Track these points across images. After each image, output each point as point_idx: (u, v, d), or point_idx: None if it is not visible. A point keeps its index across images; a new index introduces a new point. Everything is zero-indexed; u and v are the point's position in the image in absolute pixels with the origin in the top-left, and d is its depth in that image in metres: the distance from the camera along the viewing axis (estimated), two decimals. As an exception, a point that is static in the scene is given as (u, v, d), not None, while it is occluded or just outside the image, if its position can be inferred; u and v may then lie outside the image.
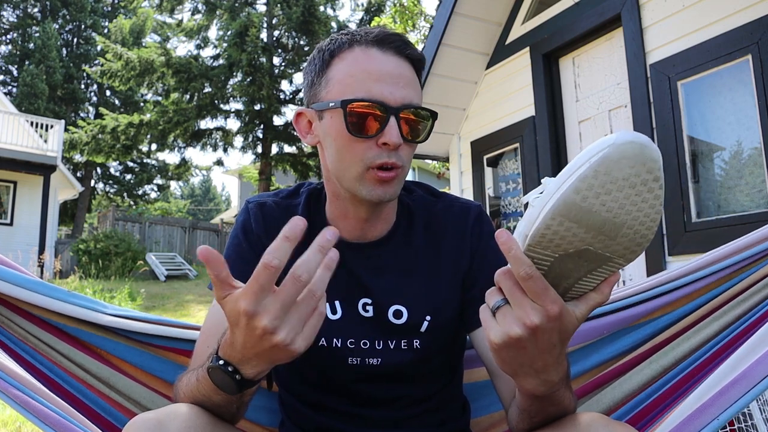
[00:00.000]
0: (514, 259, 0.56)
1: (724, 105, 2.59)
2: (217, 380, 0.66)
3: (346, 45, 0.83)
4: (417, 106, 0.82)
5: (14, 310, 1.01)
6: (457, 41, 3.81)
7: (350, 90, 0.80)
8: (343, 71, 0.81)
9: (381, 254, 0.91)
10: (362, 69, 0.80)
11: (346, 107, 0.78)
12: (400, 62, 0.82)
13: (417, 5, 6.69)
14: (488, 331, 0.60)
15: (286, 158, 15.31)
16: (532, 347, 0.58)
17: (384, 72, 0.80)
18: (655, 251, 2.75)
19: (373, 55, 0.81)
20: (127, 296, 8.27)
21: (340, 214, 0.90)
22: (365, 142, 0.80)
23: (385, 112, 0.78)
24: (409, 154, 0.84)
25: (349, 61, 0.82)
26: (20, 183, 13.37)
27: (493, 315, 0.60)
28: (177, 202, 35.24)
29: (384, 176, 0.80)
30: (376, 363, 0.88)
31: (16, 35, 23.52)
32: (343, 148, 0.81)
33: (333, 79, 0.82)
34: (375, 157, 0.80)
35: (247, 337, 0.59)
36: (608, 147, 0.53)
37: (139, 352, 1.08)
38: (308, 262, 0.58)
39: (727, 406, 0.69)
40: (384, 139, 0.78)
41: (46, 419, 0.78)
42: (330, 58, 0.84)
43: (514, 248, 0.56)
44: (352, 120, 0.79)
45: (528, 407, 0.70)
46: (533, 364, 0.60)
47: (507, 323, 0.58)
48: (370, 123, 0.79)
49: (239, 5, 15.34)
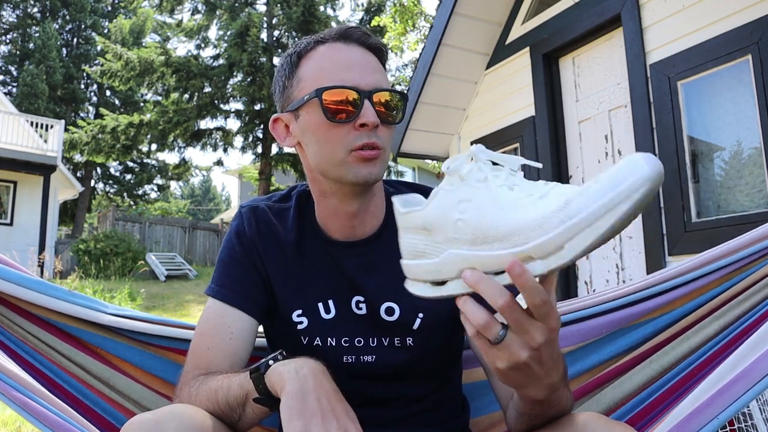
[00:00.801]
0: (531, 290, 0.54)
1: (724, 105, 2.59)
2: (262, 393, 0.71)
3: (312, 44, 0.87)
4: (388, 88, 0.84)
5: (14, 309, 1.01)
6: (457, 41, 3.81)
7: (323, 81, 0.83)
8: (313, 67, 0.85)
9: (371, 251, 0.91)
10: (330, 61, 0.84)
11: (321, 95, 0.81)
12: (364, 52, 0.86)
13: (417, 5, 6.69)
14: (491, 360, 0.59)
15: (286, 158, 15.32)
16: (536, 364, 0.58)
17: (351, 61, 0.84)
18: (655, 251, 2.75)
19: (339, 48, 0.85)
20: (127, 296, 8.27)
21: (329, 213, 0.91)
22: (344, 126, 0.82)
23: (358, 95, 0.81)
24: (387, 136, 0.85)
25: (317, 58, 0.85)
26: (20, 183, 13.37)
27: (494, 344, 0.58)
28: (177, 202, 35.24)
29: (366, 154, 0.82)
30: (370, 360, 0.88)
31: (16, 35, 23.52)
32: (324, 137, 0.83)
33: (304, 76, 0.86)
34: (355, 139, 0.81)
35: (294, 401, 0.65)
36: (648, 182, 0.50)
37: (140, 351, 1.08)
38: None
39: (727, 405, 0.69)
40: (362, 120, 0.80)
41: (45, 420, 0.78)
42: (298, 60, 0.87)
43: (530, 281, 0.54)
44: (329, 107, 0.81)
45: (529, 411, 0.70)
46: (536, 375, 0.60)
47: (513, 350, 0.57)
48: (346, 108, 0.81)
49: (239, 5, 15.34)
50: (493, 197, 0.57)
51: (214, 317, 0.87)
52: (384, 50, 0.89)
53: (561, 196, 0.54)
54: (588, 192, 0.52)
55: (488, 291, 0.55)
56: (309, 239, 0.92)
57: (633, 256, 2.98)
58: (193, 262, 15.20)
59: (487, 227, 0.56)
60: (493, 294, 0.55)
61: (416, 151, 4.33)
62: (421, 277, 0.62)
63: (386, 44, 0.90)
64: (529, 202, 0.55)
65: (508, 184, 0.58)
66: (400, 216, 0.63)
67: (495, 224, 0.56)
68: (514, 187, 0.57)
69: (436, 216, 0.60)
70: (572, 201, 0.52)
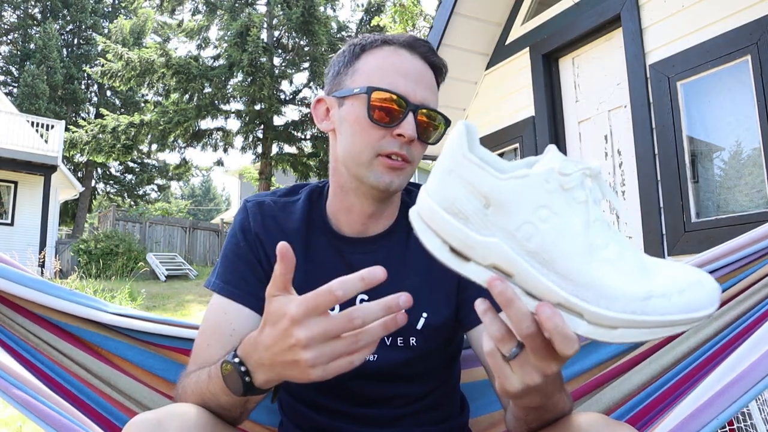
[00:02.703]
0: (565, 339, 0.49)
1: (724, 105, 2.59)
2: (228, 377, 0.67)
3: (379, 42, 0.87)
4: (435, 109, 0.85)
5: (15, 309, 1.02)
6: (457, 41, 3.82)
7: (377, 80, 0.83)
8: (372, 64, 0.86)
9: (379, 249, 0.91)
10: (391, 64, 0.84)
11: (371, 93, 0.82)
12: (425, 67, 0.87)
13: (417, 5, 6.69)
14: (503, 380, 0.56)
15: (286, 158, 15.32)
16: (544, 385, 0.57)
17: (410, 71, 0.84)
18: (654, 251, 2.75)
19: (403, 55, 0.86)
20: (128, 296, 8.27)
21: (344, 207, 0.91)
22: (381, 130, 0.82)
23: (405, 105, 0.82)
24: (419, 152, 0.86)
25: (379, 57, 0.86)
26: (21, 183, 13.37)
27: (507, 361, 0.55)
28: (177, 202, 35.24)
29: (393, 164, 0.83)
30: (372, 359, 0.88)
31: (17, 36, 23.54)
32: (359, 133, 0.84)
33: (360, 69, 0.86)
34: (387, 145, 0.82)
35: (277, 340, 0.59)
36: (705, 318, 0.49)
37: (141, 351, 1.08)
38: (369, 312, 0.58)
39: (727, 405, 0.69)
40: (400, 131, 0.81)
41: (47, 419, 0.78)
42: (361, 52, 0.88)
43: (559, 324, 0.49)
44: (375, 106, 0.82)
45: (524, 416, 0.71)
46: (540, 392, 0.60)
47: (525, 372, 0.54)
48: (389, 113, 0.82)
49: (239, 6, 15.35)
50: (583, 229, 0.50)
51: (216, 314, 0.86)
52: (444, 71, 0.91)
53: (645, 282, 0.50)
54: (670, 300, 0.49)
55: (515, 317, 0.50)
56: (317, 234, 0.92)
57: (633, 257, 2.98)
58: (193, 262, 15.20)
59: (558, 257, 0.50)
60: (520, 321, 0.50)
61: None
62: (443, 235, 0.54)
63: (446, 65, 0.91)
64: (615, 260, 0.51)
65: (600, 221, 0.52)
66: (465, 155, 0.52)
67: (569, 260, 0.50)
68: (603, 229, 0.52)
69: (508, 198, 0.51)
70: (653, 298, 0.49)
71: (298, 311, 0.57)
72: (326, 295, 0.57)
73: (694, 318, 0.49)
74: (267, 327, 0.61)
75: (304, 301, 0.57)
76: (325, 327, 0.57)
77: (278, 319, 0.59)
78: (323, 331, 0.57)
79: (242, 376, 0.65)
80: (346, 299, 0.57)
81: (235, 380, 0.66)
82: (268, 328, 0.61)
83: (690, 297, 0.49)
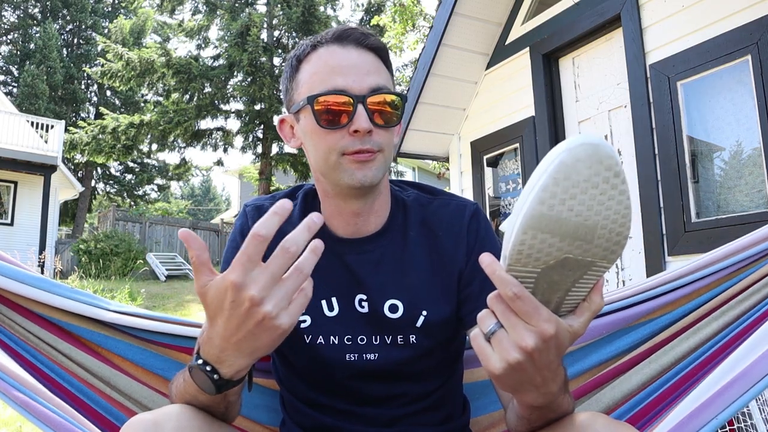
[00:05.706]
0: (499, 280, 0.57)
1: (724, 105, 2.59)
2: (198, 380, 0.68)
3: (310, 48, 0.87)
4: (383, 91, 0.83)
5: (15, 308, 1.01)
6: (457, 41, 3.82)
7: (317, 86, 0.83)
8: (309, 71, 0.86)
9: (376, 248, 0.92)
10: (324, 65, 0.84)
11: (312, 102, 0.82)
12: (361, 53, 0.85)
13: (417, 5, 6.69)
14: (486, 361, 0.60)
15: (286, 158, 15.31)
16: (530, 368, 0.59)
17: (345, 64, 0.83)
18: (654, 251, 2.75)
19: (335, 51, 0.85)
20: (128, 296, 8.28)
21: (333, 211, 0.91)
22: (337, 132, 0.82)
23: (351, 100, 0.81)
24: (386, 138, 0.85)
25: (313, 62, 0.86)
26: (21, 183, 13.38)
27: (488, 341, 0.60)
28: (177, 202, 35.21)
29: (360, 157, 0.82)
30: (373, 358, 0.88)
31: (17, 35, 23.54)
32: (318, 142, 0.84)
33: (301, 80, 0.87)
34: (348, 145, 0.82)
35: (231, 316, 0.60)
36: (563, 152, 0.54)
37: (141, 350, 1.08)
38: (296, 237, 0.60)
39: (727, 405, 0.69)
40: (354, 127, 0.80)
41: (46, 420, 0.78)
42: (298, 63, 0.88)
43: (497, 269, 0.57)
44: (321, 113, 0.81)
45: (528, 416, 0.71)
46: (532, 382, 0.61)
47: (504, 349, 0.58)
48: (337, 114, 0.81)
49: (240, 5, 15.35)
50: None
51: None
52: (384, 48, 0.89)
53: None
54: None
55: (498, 281, 0.57)
56: (314, 236, 0.93)
57: (632, 256, 2.98)
58: (193, 262, 15.18)
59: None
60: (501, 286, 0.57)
61: (416, 151, 4.34)
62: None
63: (386, 43, 0.91)
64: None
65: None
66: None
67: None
68: None
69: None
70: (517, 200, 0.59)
71: (237, 276, 0.58)
72: (253, 242, 0.58)
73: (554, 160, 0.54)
74: (214, 318, 0.61)
75: (238, 263, 0.58)
76: (269, 272, 0.59)
77: (223, 298, 0.59)
78: (269, 276, 0.59)
79: (210, 375, 0.66)
80: (299, 252, 0.59)
81: (204, 381, 0.67)
82: (218, 317, 0.61)
83: (534, 174, 0.56)
